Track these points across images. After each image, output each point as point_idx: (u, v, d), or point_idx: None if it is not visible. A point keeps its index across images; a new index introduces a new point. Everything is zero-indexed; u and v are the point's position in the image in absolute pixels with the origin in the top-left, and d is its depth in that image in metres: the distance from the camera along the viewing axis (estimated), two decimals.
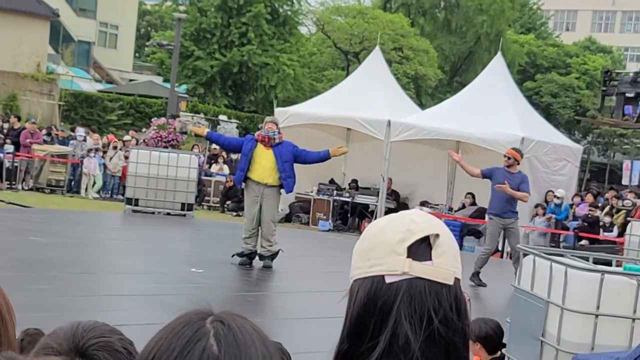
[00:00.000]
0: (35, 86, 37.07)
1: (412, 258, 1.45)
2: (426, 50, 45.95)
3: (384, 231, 1.49)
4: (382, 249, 1.47)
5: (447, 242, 1.50)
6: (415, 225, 1.48)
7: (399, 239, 1.47)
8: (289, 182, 12.33)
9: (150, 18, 61.03)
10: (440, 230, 1.49)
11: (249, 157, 12.28)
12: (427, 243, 1.47)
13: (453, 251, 1.51)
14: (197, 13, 42.38)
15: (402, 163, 21.58)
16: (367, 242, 1.51)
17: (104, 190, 24.44)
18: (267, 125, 12.41)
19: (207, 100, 41.64)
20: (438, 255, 1.47)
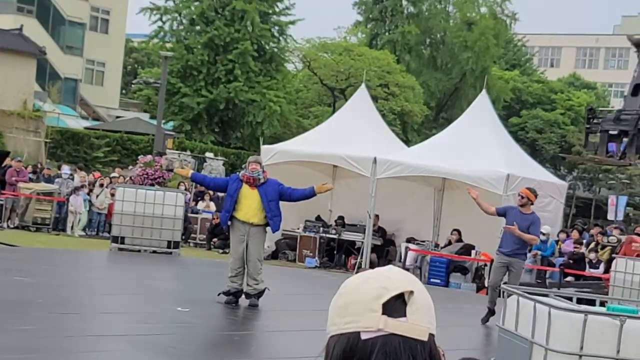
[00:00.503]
0: (22, 123, 37.06)
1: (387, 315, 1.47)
2: (412, 87, 46.21)
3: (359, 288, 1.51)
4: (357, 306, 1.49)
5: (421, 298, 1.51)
6: (390, 283, 1.50)
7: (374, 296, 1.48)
8: (275, 221, 12.35)
9: (137, 55, 61.23)
10: (414, 287, 1.50)
11: (234, 197, 12.30)
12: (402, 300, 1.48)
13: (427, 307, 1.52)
14: (183, 50, 42.55)
15: (389, 200, 21.64)
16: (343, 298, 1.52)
17: (89, 227, 24.37)
18: (250, 166, 12.44)
19: (193, 137, 41.70)
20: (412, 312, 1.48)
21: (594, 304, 8.49)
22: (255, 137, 40.74)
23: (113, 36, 52.26)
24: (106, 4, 51.66)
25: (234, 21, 42.49)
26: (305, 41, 48.18)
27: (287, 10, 44.94)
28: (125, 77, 56.21)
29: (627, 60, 71.37)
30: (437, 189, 22.65)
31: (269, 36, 43.78)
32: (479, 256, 20.39)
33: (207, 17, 42.60)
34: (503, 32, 53.51)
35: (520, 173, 20.04)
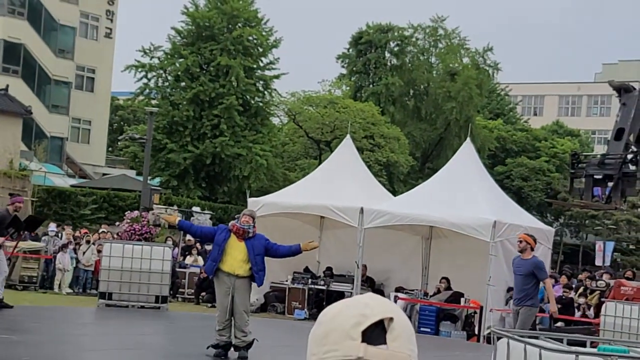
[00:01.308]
0: (8, 183, 37.01)
1: (367, 342, 1.45)
2: (397, 138, 46.46)
3: (338, 316, 1.49)
4: (337, 334, 1.47)
5: (401, 325, 1.49)
6: (369, 310, 1.48)
7: (353, 324, 1.46)
8: (260, 275, 12.33)
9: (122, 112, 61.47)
10: (394, 314, 1.49)
11: (222, 247, 12.27)
12: (381, 327, 1.47)
13: (408, 334, 1.50)
14: (169, 106, 42.75)
15: (377, 249, 21.63)
16: (322, 327, 1.51)
17: (76, 285, 24.23)
18: (243, 218, 12.43)
19: (180, 192, 41.71)
20: (393, 339, 1.46)
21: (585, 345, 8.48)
22: (242, 191, 40.78)
23: (98, 94, 52.51)
24: (91, 63, 51.98)
25: (218, 77, 42.77)
26: (290, 95, 48.52)
27: (272, 64, 45.31)
28: (111, 134, 56.35)
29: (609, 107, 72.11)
30: (425, 237, 22.67)
31: (254, 91, 44.06)
32: (469, 303, 20.35)
33: (192, 73, 42.88)
34: (486, 81, 54.03)
35: (507, 219, 20.09)
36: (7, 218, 16.59)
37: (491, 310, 19.33)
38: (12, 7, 48.20)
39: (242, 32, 43.18)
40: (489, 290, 19.36)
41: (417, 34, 53.77)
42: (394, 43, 53.80)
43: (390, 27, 53.82)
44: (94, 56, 51.73)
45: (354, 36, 54.29)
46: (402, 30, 53.73)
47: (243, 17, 44.12)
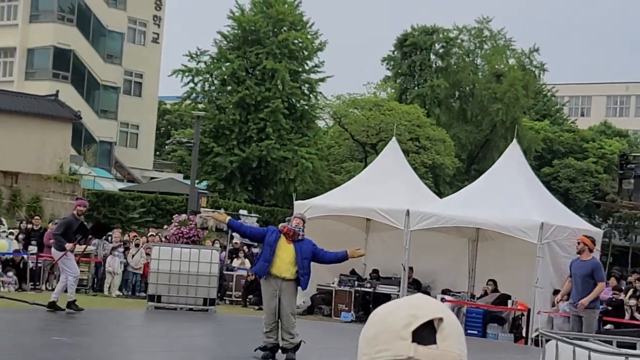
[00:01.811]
0: (59, 187, 37.56)
1: (417, 342, 1.47)
2: (443, 140, 46.32)
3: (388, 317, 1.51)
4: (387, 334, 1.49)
5: (451, 325, 1.51)
6: (419, 310, 1.50)
7: (403, 324, 1.48)
8: (305, 279, 12.39)
9: (170, 117, 62.02)
10: (444, 314, 1.51)
11: (273, 247, 12.32)
12: (431, 327, 1.49)
13: (457, 334, 1.52)
14: (215, 110, 43.08)
15: (423, 252, 21.61)
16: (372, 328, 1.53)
17: (125, 287, 24.53)
18: (295, 221, 12.51)
19: (227, 196, 41.98)
20: (443, 339, 1.48)
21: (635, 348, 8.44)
22: (288, 194, 40.94)
23: (146, 99, 53.05)
24: (139, 68, 52.53)
25: (264, 80, 43.02)
26: (335, 98, 48.60)
27: (317, 68, 45.46)
28: (158, 138, 56.89)
29: None
30: (471, 239, 22.60)
31: (300, 94, 44.23)
32: (516, 306, 20.25)
33: (238, 77, 43.18)
34: (532, 83, 53.64)
35: (554, 221, 19.96)
36: (74, 223, 17.00)
37: (539, 312, 19.22)
38: (62, 14, 48.92)
39: (287, 35, 43.38)
40: (536, 292, 19.24)
41: (462, 35, 53.57)
42: (439, 45, 53.66)
43: (435, 29, 53.69)
44: (142, 61, 52.29)
45: (399, 38, 54.24)
46: (447, 32, 53.58)
47: (288, 20, 44.33)
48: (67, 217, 17.44)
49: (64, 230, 16.91)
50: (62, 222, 17.50)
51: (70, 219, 17.20)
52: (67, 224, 17.02)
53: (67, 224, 17.07)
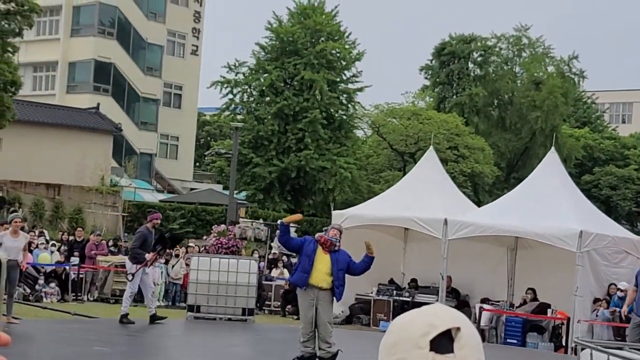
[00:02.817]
0: (100, 199, 38.01)
1: (435, 351, 1.48)
2: (481, 148, 46.15)
3: (407, 326, 1.54)
4: (406, 343, 1.51)
5: (468, 334, 1.52)
6: (437, 320, 1.52)
7: (421, 333, 1.50)
8: (340, 290, 12.47)
9: (209, 128, 62.45)
10: (461, 324, 1.52)
11: (312, 258, 12.41)
12: (449, 336, 1.50)
13: (475, 343, 1.53)
14: (254, 121, 43.31)
15: (461, 261, 21.57)
16: (392, 337, 1.55)
17: (165, 298, 24.73)
18: (332, 231, 12.59)
19: (266, 206, 42.17)
20: (460, 348, 1.49)
21: None
22: (327, 203, 41.01)
23: (186, 111, 53.50)
24: (178, 80, 53.01)
25: (302, 91, 43.19)
26: (373, 107, 48.64)
27: (355, 77, 45.55)
28: (198, 150, 57.31)
29: None
30: (510, 248, 22.52)
31: (338, 104, 44.35)
32: (556, 314, 20.14)
33: (276, 88, 43.40)
34: (571, 90, 53.28)
35: (593, 229, 19.84)
36: (149, 236, 17.31)
37: (579, 321, 19.11)
38: (102, 28, 49.54)
39: (325, 46, 43.53)
40: (576, 301, 19.14)
41: (500, 43, 53.38)
42: (477, 53, 53.52)
43: (473, 37, 53.56)
44: (181, 73, 52.76)
45: (436, 47, 54.17)
46: (485, 40, 53.42)
47: (326, 31, 44.50)
48: (142, 230, 17.81)
49: (141, 243, 17.27)
50: (138, 235, 17.84)
51: (145, 232, 17.54)
52: (144, 237, 17.37)
53: (143, 236, 17.42)
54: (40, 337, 15.34)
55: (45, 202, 36.57)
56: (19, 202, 34.65)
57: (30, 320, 17.19)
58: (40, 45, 49.36)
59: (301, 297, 12.65)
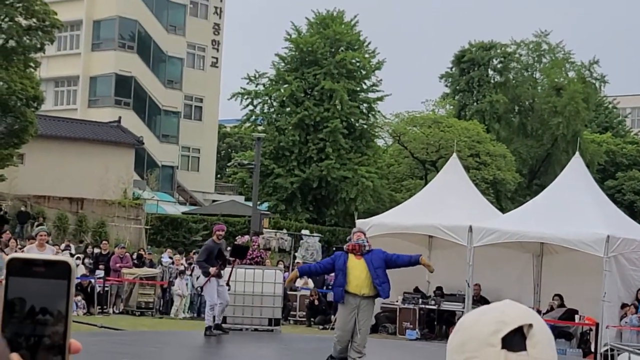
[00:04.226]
0: (123, 212, 38.13)
1: (507, 349, 1.44)
2: (503, 155, 46.00)
3: (476, 324, 1.49)
4: (476, 341, 1.47)
5: (541, 331, 1.49)
6: (507, 317, 1.48)
7: (492, 331, 1.46)
8: (384, 287, 12.38)
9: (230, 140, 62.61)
10: (533, 320, 1.48)
11: (344, 270, 12.36)
12: (520, 334, 1.46)
13: (548, 340, 1.49)
14: (275, 132, 43.37)
15: (487, 268, 21.45)
16: (461, 335, 1.51)
17: (191, 309, 24.75)
18: (355, 235, 12.57)
19: (288, 216, 42.17)
20: (533, 345, 1.45)
21: None
22: (349, 213, 40.99)
23: (206, 123, 53.66)
24: (199, 92, 53.18)
25: (323, 101, 43.22)
26: (394, 116, 48.59)
27: (375, 86, 45.57)
28: (219, 161, 57.44)
29: None
30: (536, 254, 22.39)
31: (358, 113, 44.36)
32: (583, 320, 19.99)
33: (296, 98, 43.46)
34: (593, 95, 53.03)
35: (620, 234, 19.68)
36: (215, 247, 17.33)
37: (607, 326, 18.94)
38: (123, 42, 49.80)
39: (344, 55, 43.57)
40: (604, 307, 18.98)
41: (520, 49, 53.25)
42: (497, 60, 53.42)
43: (493, 44, 53.46)
44: (201, 85, 52.94)
45: (456, 55, 54.11)
46: (505, 47, 53.31)
47: (345, 40, 44.54)
48: (207, 243, 17.88)
49: (206, 256, 17.35)
50: (204, 248, 17.94)
51: (210, 244, 17.58)
52: (209, 250, 17.42)
53: (208, 249, 17.46)
54: None
55: (68, 216, 36.73)
56: (43, 217, 34.81)
57: None
58: (61, 60, 49.68)
59: (342, 306, 12.54)
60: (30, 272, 0.93)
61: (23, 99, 30.95)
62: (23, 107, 31.03)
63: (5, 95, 30.08)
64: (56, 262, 0.93)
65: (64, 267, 0.93)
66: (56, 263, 0.93)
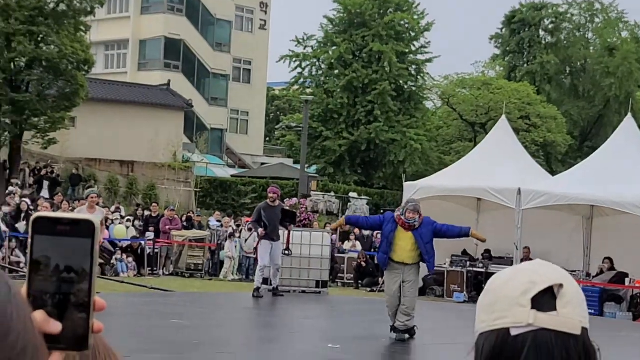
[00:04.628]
0: (172, 175, 38.46)
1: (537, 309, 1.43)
2: (554, 117, 45.50)
3: (507, 284, 1.48)
4: (505, 301, 1.46)
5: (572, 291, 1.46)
6: (538, 276, 1.46)
7: (522, 291, 1.45)
8: (432, 261, 12.55)
9: (279, 102, 62.66)
10: (564, 280, 1.46)
11: (390, 239, 12.43)
12: (551, 293, 1.45)
13: (579, 300, 1.47)
14: (323, 95, 43.32)
15: (535, 230, 21.30)
16: (490, 295, 1.50)
17: (239, 271, 24.97)
18: (408, 214, 12.43)
19: (337, 179, 42.23)
20: (563, 305, 1.44)
21: None
22: (397, 176, 40.92)
23: (255, 86, 53.69)
24: (247, 55, 53.17)
25: (371, 63, 43.02)
26: (443, 78, 48.25)
27: (424, 48, 45.24)
28: (268, 124, 57.56)
29: None
30: (586, 217, 22.18)
31: (407, 75, 44.10)
32: (634, 284, 19.80)
33: (345, 60, 43.30)
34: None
35: None
36: (266, 210, 17.54)
37: None
38: (172, 5, 49.89)
39: (393, 17, 43.26)
40: None
41: (572, 9, 52.44)
42: (548, 20, 52.65)
43: (544, 4, 52.68)
44: (250, 48, 52.92)
45: (507, 15, 53.43)
46: (557, 7, 52.52)
47: (394, 2, 44.21)
48: (260, 205, 18.17)
49: (256, 217, 17.65)
50: (255, 209, 18.26)
51: (261, 206, 17.89)
52: (258, 212, 17.74)
53: (257, 211, 17.79)
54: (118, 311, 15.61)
55: (119, 179, 37.15)
56: (94, 179, 35.25)
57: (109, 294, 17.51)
58: (111, 23, 49.94)
59: (388, 273, 12.77)
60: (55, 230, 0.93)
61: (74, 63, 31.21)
62: (74, 70, 31.29)
63: (56, 59, 30.34)
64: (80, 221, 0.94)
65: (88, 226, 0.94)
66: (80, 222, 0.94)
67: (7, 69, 30.37)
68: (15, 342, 0.81)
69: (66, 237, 0.92)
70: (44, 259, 0.92)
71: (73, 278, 0.92)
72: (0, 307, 0.82)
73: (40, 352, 0.85)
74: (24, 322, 0.84)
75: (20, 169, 32.52)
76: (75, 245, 0.92)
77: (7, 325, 0.82)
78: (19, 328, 0.82)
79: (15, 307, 0.83)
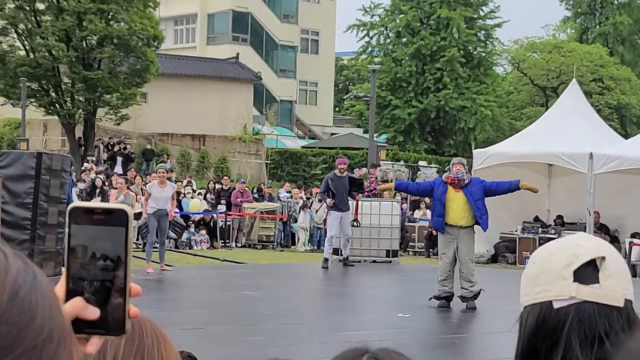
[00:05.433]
0: (243, 147, 38.78)
1: (579, 282, 1.45)
2: (628, 79, 44.56)
3: (550, 257, 1.51)
4: (549, 274, 1.48)
5: (614, 264, 1.48)
6: (581, 249, 1.48)
7: (565, 264, 1.47)
8: (485, 219, 12.34)
9: (347, 72, 62.49)
10: (606, 253, 1.48)
11: (442, 201, 12.40)
12: (593, 266, 1.47)
13: (622, 273, 1.49)
14: (391, 63, 43.09)
15: (608, 195, 20.98)
16: (534, 268, 1.52)
17: (310, 242, 25.13)
18: (455, 168, 12.48)
19: (406, 148, 42.08)
20: (606, 278, 1.46)
21: None
22: (467, 143, 40.61)
23: (323, 56, 53.61)
24: (315, 26, 53.08)
25: (439, 29, 42.62)
26: (512, 42, 47.58)
27: (493, 13, 44.62)
28: (337, 94, 57.49)
29: None
30: None
31: (476, 41, 43.60)
32: None
33: (412, 28, 42.98)
34: None
35: None
36: (335, 180, 17.66)
37: None
38: None
39: None
40: None
41: None
42: None
43: None
44: (317, 19, 52.79)
45: None
46: None
47: None
48: (329, 175, 18.32)
49: (324, 188, 17.82)
50: (324, 180, 18.41)
51: (330, 176, 18.02)
52: (325, 182, 17.91)
53: (325, 182, 17.95)
54: (192, 283, 15.90)
55: (191, 152, 37.60)
56: (167, 154, 35.73)
57: (182, 267, 17.82)
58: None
59: (441, 236, 12.71)
60: (90, 219, 0.99)
61: (144, 39, 31.60)
62: (144, 46, 31.69)
63: (126, 35, 30.75)
64: (114, 210, 0.99)
65: (121, 215, 0.98)
66: (114, 211, 0.98)
67: (80, 47, 30.90)
68: (41, 328, 0.84)
69: (101, 225, 0.98)
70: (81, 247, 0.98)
71: (109, 265, 0.97)
72: (25, 294, 0.86)
73: (67, 337, 0.88)
74: (49, 308, 0.88)
75: (95, 146, 33.14)
76: (110, 234, 0.98)
77: (32, 311, 0.86)
78: (44, 314, 0.85)
79: (41, 295, 0.86)
